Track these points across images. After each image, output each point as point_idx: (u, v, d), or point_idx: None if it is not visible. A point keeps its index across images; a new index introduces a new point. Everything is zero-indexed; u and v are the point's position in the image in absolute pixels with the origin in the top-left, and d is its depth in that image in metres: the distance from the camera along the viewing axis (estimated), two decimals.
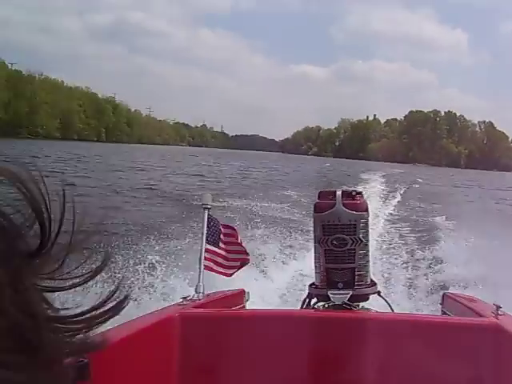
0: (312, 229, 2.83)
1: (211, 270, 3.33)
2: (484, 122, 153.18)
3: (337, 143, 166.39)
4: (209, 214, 3.32)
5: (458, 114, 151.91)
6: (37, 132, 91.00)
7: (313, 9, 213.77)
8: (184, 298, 2.93)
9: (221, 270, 3.40)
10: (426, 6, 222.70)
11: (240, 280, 4.09)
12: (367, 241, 2.74)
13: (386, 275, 8.07)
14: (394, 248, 10.70)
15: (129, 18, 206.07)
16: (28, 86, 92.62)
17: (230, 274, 3.53)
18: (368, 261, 2.77)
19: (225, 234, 3.46)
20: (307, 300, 2.90)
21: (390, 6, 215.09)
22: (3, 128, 76.28)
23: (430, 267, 8.74)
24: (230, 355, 2.54)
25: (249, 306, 3.70)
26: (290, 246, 9.63)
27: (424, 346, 2.35)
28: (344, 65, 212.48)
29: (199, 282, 3.14)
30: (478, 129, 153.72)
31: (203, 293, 3.11)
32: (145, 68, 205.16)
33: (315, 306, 2.85)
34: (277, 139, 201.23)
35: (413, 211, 18.27)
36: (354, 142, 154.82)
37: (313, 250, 2.84)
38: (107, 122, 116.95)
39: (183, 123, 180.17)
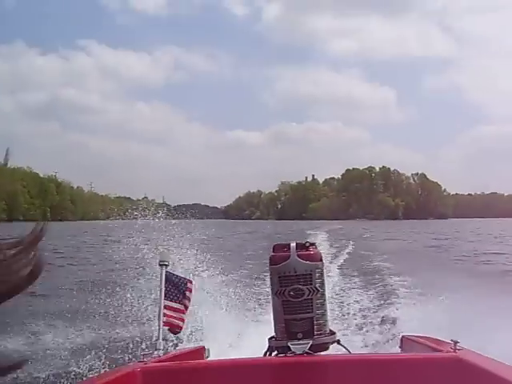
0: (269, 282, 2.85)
1: (170, 325, 3.32)
2: (417, 173, 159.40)
3: (279, 206, 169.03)
4: (167, 271, 3.33)
5: (392, 169, 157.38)
6: None
7: (244, 76, 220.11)
8: (144, 354, 2.94)
9: (180, 324, 3.38)
10: (352, 66, 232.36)
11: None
12: (323, 290, 2.76)
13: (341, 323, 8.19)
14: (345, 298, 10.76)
15: (61, 95, 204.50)
16: None
17: (177, 332, 3.55)
18: (326, 310, 2.78)
19: (182, 289, 3.45)
20: (268, 353, 2.89)
21: (317, 68, 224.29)
22: None
23: (383, 320, 8.64)
24: None
25: None
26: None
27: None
28: (278, 128, 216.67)
29: (158, 338, 3.16)
30: (412, 181, 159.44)
31: (163, 349, 3.14)
32: (81, 144, 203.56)
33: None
34: (219, 206, 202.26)
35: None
36: (295, 203, 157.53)
37: (271, 303, 2.85)
38: (51, 200, 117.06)
39: (124, 197, 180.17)
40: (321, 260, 2.78)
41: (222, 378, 2.56)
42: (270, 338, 2.86)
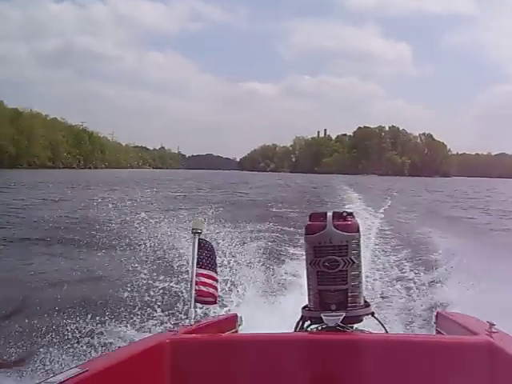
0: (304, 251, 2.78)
1: (203, 294, 3.23)
2: (424, 133, 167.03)
3: (293, 159, 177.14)
4: (200, 239, 3.28)
5: (400, 128, 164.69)
6: (34, 162, 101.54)
7: (259, 27, 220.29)
8: (175, 323, 3.26)
9: (213, 293, 3.30)
10: (369, 21, 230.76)
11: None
12: (359, 262, 2.70)
13: (378, 294, 7.90)
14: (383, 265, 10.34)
15: (76, 43, 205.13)
16: (27, 122, 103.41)
17: (214, 301, 3.41)
18: (361, 282, 2.72)
19: (213, 257, 3.37)
20: (300, 323, 2.86)
21: (334, 22, 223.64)
22: (10, 160, 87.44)
23: (423, 286, 8.50)
24: (223, 381, 2.49)
25: (242, 331, 3.60)
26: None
27: (419, 366, 2.33)
28: (292, 81, 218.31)
29: (190, 307, 3.11)
30: (419, 140, 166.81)
31: (195, 318, 3.08)
32: (96, 92, 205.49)
33: (308, 329, 2.81)
34: (231, 157, 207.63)
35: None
36: (309, 157, 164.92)
37: (305, 272, 2.79)
38: (85, 150, 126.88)
39: (142, 146, 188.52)
40: (358, 231, 2.71)
41: (254, 351, 2.51)
42: (304, 308, 2.83)
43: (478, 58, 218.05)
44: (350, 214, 2.76)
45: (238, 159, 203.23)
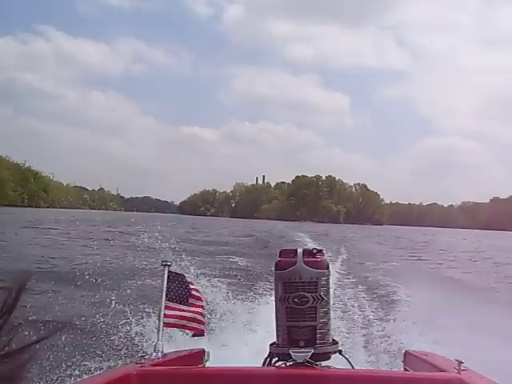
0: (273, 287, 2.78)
1: (173, 326, 3.25)
2: (359, 183, 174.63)
3: (233, 205, 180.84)
4: (170, 271, 3.26)
5: (336, 178, 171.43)
6: None
7: (202, 73, 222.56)
8: (142, 356, 3.07)
9: (188, 324, 3.29)
10: (308, 71, 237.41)
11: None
12: (328, 299, 2.71)
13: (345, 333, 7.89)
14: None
15: (17, 79, 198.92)
16: None
17: (201, 334, 3.43)
18: (329, 319, 2.72)
19: (186, 290, 3.33)
20: (268, 359, 2.84)
21: (274, 71, 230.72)
22: None
23: (387, 327, 8.58)
24: None
25: (209, 366, 3.53)
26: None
27: None
28: (232, 127, 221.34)
29: (158, 340, 3.06)
30: (354, 190, 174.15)
31: (162, 351, 3.03)
32: (36, 129, 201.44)
33: (276, 365, 2.78)
34: (169, 200, 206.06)
35: None
36: (249, 203, 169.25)
37: (274, 308, 2.78)
38: (31, 189, 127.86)
39: (81, 186, 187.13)
40: (327, 268, 2.72)
41: None
42: (272, 344, 2.82)
43: (411, 111, 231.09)
44: (320, 251, 2.77)
45: (176, 202, 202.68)
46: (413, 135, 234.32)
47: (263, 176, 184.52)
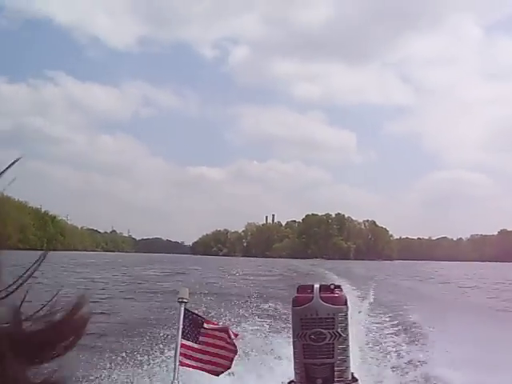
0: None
1: (188, 366, 3.14)
2: (368, 220, 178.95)
3: (245, 244, 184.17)
4: (185, 309, 3.22)
5: (346, 215, 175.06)
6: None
7: (209, 114, 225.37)
8: None
9: (201, 366, 3.19)
10: (314, 109, 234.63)
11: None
12: (347, 335, 2.64)
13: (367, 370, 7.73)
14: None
15: (26, 124, 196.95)
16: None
17: (217, 374, 3.29)
18: (348, 356, 2.65)
19: (207, 329, 3.27)
20: None
21: (281, 110, 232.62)
22: None
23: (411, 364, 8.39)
24: None
25: None
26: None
27: None
28: (240, 166, 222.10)
29: (174, 379, 3.03)
30: (363, 226, 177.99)
31: None
32: (46, 173, 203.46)
33: None
34: (179, 241, 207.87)
35: None
36: (260, 242, 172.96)
37: (291, 346, 2.73)
38: (49, 233, 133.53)
39: (93, 229, 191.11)
40: (345, 303, 2.66)
41: None
42: (290, 383, 2.76)
43: (417, 146, 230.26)
44: (338, 286, 2.71)
45: (186, 243, 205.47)
46: (419, 170, 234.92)
47: (273, 215, 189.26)
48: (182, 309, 3.19)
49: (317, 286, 2.68)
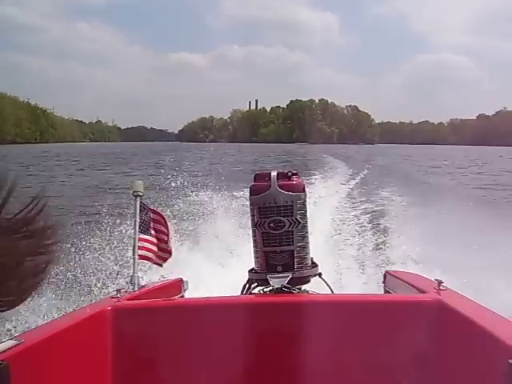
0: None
1: (146, 259, 3.21)
2: (350, 105, 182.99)
3: (231, 130, 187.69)
4: (141, 202, 3.21)
5: (329, 101, 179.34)
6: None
7: None
8: (118, 290, 2.79)
9: (155, 258, 3.29)
10: None
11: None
12: (305, 222, 2.64)
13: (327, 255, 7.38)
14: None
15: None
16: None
17: (161, 264, 3.40)
18: (307, 242, 2.67)
19: (154, 221, 3.33)
20: (247, 286, 2.80)
21: None
22: None
23: (371, 246, 8.40)
24: (167, 347, 2.40)
25: (187, 295, 3.55)
26: None
27: (367, 326, 2.30)
28: (222, 51, 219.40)
29: (134, 272, 3.02)
30: (346, 112, 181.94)
31: (138, 284, 3.00)
32: (23, 63, 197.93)
33: (255, 291, 2.75)
34: (163, 129, 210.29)
35: None
36: (246, 128, 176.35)
37: (251, 234, 2.71)
38: (42, 126, 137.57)
39: (77, 120, 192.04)
40: (303, 190, 2.64)
41: (200, 315, 2.43)
42: (250, 270, 2.77)
43: (402, 28, 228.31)
44: (295, 173, 2.67)
45: (170, 131, 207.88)
46: (404, 53, 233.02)
47: (256, 100, 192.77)
48: (138, 202, 3.24)
49: (274, 173, 2.63)
